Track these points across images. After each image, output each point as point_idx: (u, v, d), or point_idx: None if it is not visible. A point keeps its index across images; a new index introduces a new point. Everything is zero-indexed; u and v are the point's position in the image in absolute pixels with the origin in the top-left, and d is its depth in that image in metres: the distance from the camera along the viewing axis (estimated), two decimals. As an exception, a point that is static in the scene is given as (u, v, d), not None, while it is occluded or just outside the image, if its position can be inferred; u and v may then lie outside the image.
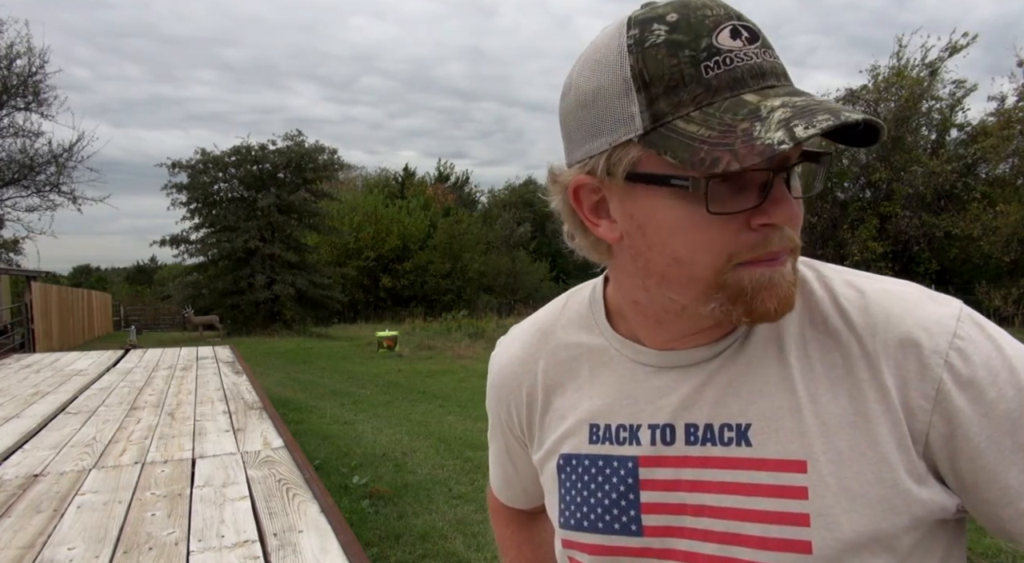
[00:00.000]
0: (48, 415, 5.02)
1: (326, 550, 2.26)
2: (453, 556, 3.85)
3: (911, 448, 0.58)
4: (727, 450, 0.63)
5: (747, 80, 0.54)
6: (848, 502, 0.58)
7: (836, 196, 23.02)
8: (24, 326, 17.81)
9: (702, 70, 0.54)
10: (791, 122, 0.51)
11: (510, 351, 0.82)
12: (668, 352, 0.67)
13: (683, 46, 0.55)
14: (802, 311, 0.64)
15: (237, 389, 6.00)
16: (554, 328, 0.78)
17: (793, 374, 0.62)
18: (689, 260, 0.58)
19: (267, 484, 3.03)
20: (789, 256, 0.60)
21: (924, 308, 0.60)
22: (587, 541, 0.70)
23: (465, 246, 32.46)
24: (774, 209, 0.56)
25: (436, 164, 57.97)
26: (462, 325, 18.73)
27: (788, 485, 0.60)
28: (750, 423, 0.63)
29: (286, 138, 26.65)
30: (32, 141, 21.94)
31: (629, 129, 0.57)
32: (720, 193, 0.55)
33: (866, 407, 0.59)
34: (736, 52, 0.55)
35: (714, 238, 0.56)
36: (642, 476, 0.67)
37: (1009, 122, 18.93)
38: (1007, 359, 0.59)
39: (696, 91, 0.54)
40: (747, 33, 0.56)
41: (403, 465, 5.80)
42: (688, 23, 0.55)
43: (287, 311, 25.18)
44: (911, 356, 0.58)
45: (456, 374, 11.57)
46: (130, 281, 54.24)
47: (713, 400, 0.65)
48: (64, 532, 2.53)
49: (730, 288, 0.58)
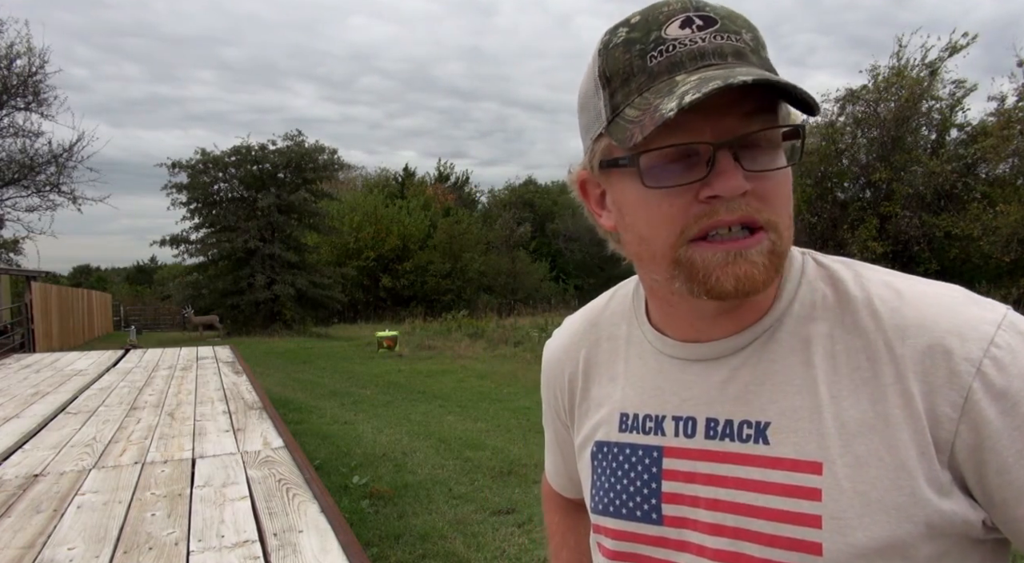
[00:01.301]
0: (48, 415, 5.02)
1: (326, 550, 2.26)
2: (453, 556, 3.85)
3: (934, 457, 0.57)
4: (744, 447, 0.64)
5: (684, 63, 0.57)
6: (862, 507, 0.58)
7: (836, 196, 23.02)
8: (24, 326, 17.80)
9: (647, 60, 0.59)
10: (688, 92, 0.54)
11: (560, 339, 0.86)
12: (693, 345, 0.68)
13: (635, 42, 0.59)
14: (835, 311, 0.64)
15: (237, 389, 6.00)
16: (599, 319, 0.81)
17: (817, 374, 0.62)
18: (650, 237, 0.62)
19: (267, 484, 3.03)
20: (764, 234, 0.59)
21: (962, 312, 0.59)
22: (611, 526, 0.72)
23: (465, 246, 32.45)
24: (717, 181, 0.57)
25: (436, 164, 58.02)
26: (462, 325, 18.71)
27: (802, 486, 0.60)
28: (769, 421, 0.63)
29: (286, 138, 26.67)
30: (32, 141, 21.95)
31: (599, 123, 0.62)
32: (666, 170, 0.59)
33: (888, 412, 0.58)
34: (681, 39, 0.58)
35: (664, 213, 0.60)
36: (665, 466, 0.68)
37: (1009, 122, 18.92)
38: None
39: (641, 79, 0.59)
40: (700, 21, 0.59)
41: (403, 465, 5.80)
42: (645, 21, 0.60)
43: (287, 311, 25.16)
44: (940, 362, 0.57)
45: (456, 374, 11.56)
46: (130, 281, 54.23)
47: (735, 396, 0.65)
48: (64, 532, 2.53)
49: (684, 265, 0.60)
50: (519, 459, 5.87)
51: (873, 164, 21.49)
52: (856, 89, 21.84)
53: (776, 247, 0.60)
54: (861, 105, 21.81)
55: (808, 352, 0.63)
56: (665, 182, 0.59)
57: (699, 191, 0.58)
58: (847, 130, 22.42)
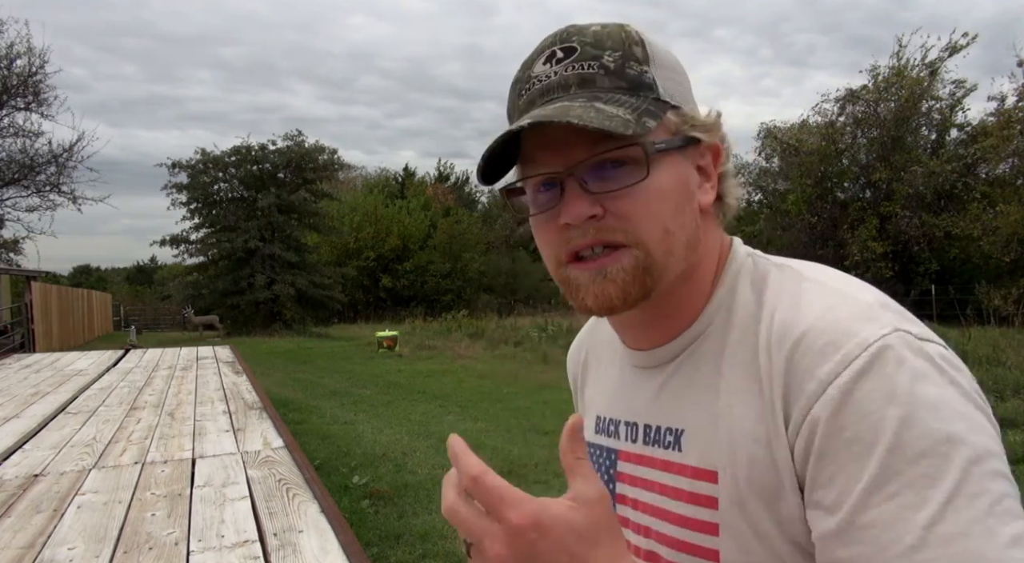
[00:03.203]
0: (48, 415, 5.02)
1: (326, 550, 2.26)
2: (453, 556, 3.85)
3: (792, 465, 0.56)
4: (666, 453, 0.66)
5: (535, 100, 0.63)
6: (749, 516, 0.58)
7: (836, 196, 23.02)
8: (24, 326, 17.81)
9: (519, 98, 0.65)
10: (496, 139, 0.60)
11: (575, 341, 0.91)
12: (639, 353, 0.71)
13: (518, 81, 0.65)
14: (749, 320, 0.63)
15: (237, 389, 6.00)
16: (599, 324, 0.85)
17: (721, 384, 0.63)
18: (544, 259, 0.67)
19: (267, 484, 3.03)
20: (625, 252, 0.60)
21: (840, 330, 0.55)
22: None
23: (465, 246, 32.46)
24: (564, 208, 0.61)
25: (436, 164, 58.03)
26: (462, 325, 18.72)
27: (702, 493, 0.62)
28: (684, 429, 0.65)
29: (286, 138, 26.69)
30: (32, 141, 21.95)
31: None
32: (538, 199, 0.64)
33: (766, 422, 0.58)
34: (539, 76, 0.63)
35: (544, 239, 0.65)
36: (619, 469, 0.73)
37: (1009, 122, 18.92)
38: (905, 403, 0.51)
39: (514, 116, 0.64)
40: (562, 53, 0.63)
41: (403, 465, 5.80)
42: (528, 58, 0.65)
43: (287, 311, 25.16)
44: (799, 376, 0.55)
45: (456, 374, 11.56)
46: (130, 281, 54.25)
47: (664, 404, 0.68)
48: (64, 532, 2.53)
49: (565, 285, 0.64)
50: (519, 459, 5.87)
51: (873, 164, 21.49)
52: (856, 89, 21.85)
53: (641, 262, 0.60)
54: (861, 105, 21.82)
55: (721, 361, 0.63)
56: (536, 210, 0.64)
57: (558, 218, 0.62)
58: (847, 130, 22.42)
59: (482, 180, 0.64)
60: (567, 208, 0.60)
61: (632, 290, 0.61)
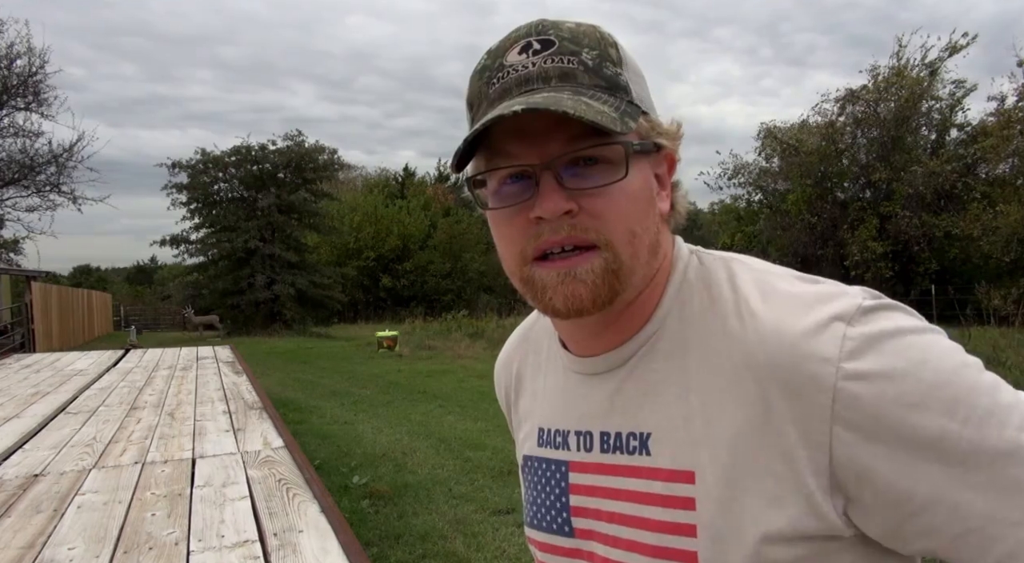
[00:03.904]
0: (48, 415, 5.02)
1: (326, 550, 2.26)
2: (453, 556, 3.86)
3: (803, 461, 0.55)
4: (631, 459, 0.64)
5: (512, 89, 0.61)
6: (732, 515, 0.57)
7: (836, 196, 23.02)
8: (24, 326, 17.82)
9: (489, 87, 0.62)
10: (480, 122, 0.58)
11: (502, 353, 0.88)
12: (586, 359, 0.69)
13: (486, 69, 0.63)
14: (707, 315, 0.63)
15: (237, 389, 6.00)
16: (530, 333, 0.83)
17: (690, 382, 0.62)
18: (503, 256, 0.65)
19: (267, 484, 3.03)
20: (595, 253, 0.59)
21: (818, 311, 0.57)
22: (536, 538, 0.74)
23: (465, 246, 32.44)
24: (538, 202, 0.59)
25: (436, 164, 58.00)
26: (462, 325, 18.70)
27: (678, 496, 0.60)
28: (650, 433, 0.64)
29: (286, 138, 26.70)
30: (32, 141, 21.96)
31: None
32: (503, 192, 0.62)
33: (753, 421, 0.57)
34: (515, 65, 0.61)
35: (508, 233, 0.63)
36: (572, 480, 0.70)
37: (1009, 122, 18.92)
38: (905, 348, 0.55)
39: (483, 106, 0.62)
40: (539, 45, 0.61)
41: (403, 465, 5.80)
42: (497, 47, 0.63)
43: (287, 311, 25.17)
44: (801, 366, 0.55)
45: (456, 374, 11.56)
46: (130, 281, 54.27)
47: (622, 408, 0.66)
48: (64, 532, 2.53)
49: (529, 284, 0.62)
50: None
51: (873, 164, 21.48)
52: (856, 89, 21.85)
53: (610, 264, 0.60)
54: (861, 105, 21.82)
55: (685, 359, 0.63)
56: (500, 203, 0.62)
57: (529, 213, 0.60)
58: (847, 130, 22.42)
59: (456, 167, 0.62)
60: (543, 202, 0.58)
61: (601, 292, 0.60)
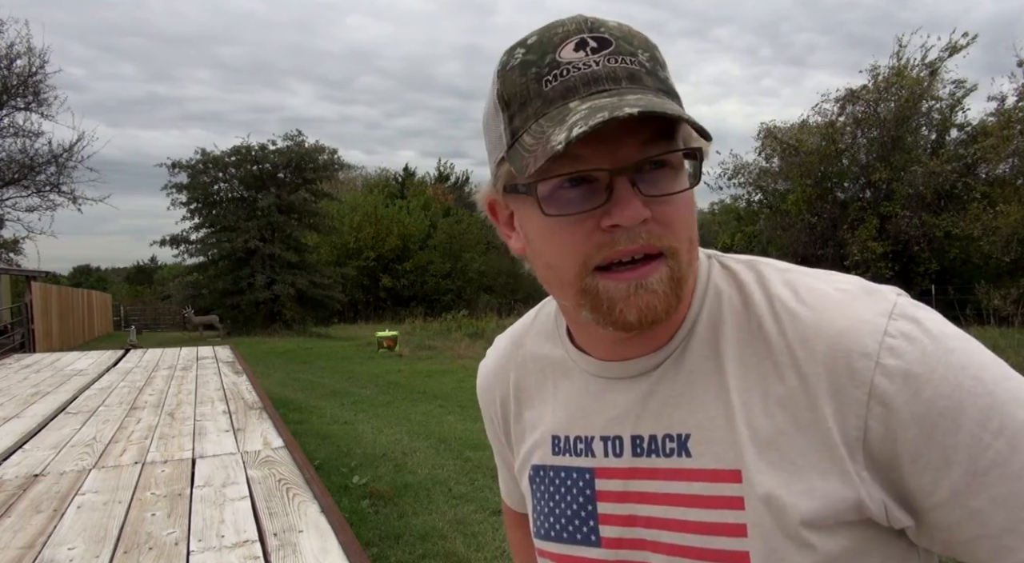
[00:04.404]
0: (48, 415, 5.02)
1: (326, 550, 2.26)
2: (453, 556, 3.85)
3: (846, 458, 0.57)
4: (670, 461, 0.64)
5: (578, 88, 0.57)
6: (779, 511, 0.58)
7: (836, 196, 23.02)
8: (24, 326, 17.81)
9: (543, 84, 0.58)
10: (577, 124, 0.53)
11: (488, 362, 0.85)
12: (613, 363, 0.68)
13: (531, 65, 0.59)
14: (740, 316, 0.63)
15: (237, 389, 6.00)
16: (524, 340, 0.80)
17: (728, 382, 0.62)
18: (556, 265, 0.61)
19: (267, 484, 3.03)
20: (661, 262, 0.58)
21: (854, 308, 0.58)
22: (554, 551, 0.72)
23: (465, 246, 32.45)
24: (616, 209, 0.56)
25: (436, 164, 58.05)
26: (462, 325, 18.71)
27: (725, 496, 0.60)
28: (689, 433, 0.63)
29: (286, 138, 26.70)
30: (32, 141, 21.96)
31: (501, 147, 0.61)
32: (564, 197, 0.58)
33: (797, 417, 0.58)
34: (575, 63, 0.57)
35: (567, 241, 0.59)
36: (598, 487, 0.68)
37: (1009, 122, 18.93)
38: (943, 352, 0.56)
39: (537, 105, 0.58)
40: (595, 43, 0.58)
41: (403, 465, 5.80)
42: (540, 42, 0.59)
43: (287, 311, 25.17)
44: (840, 362, 0.57)
45: (456, 374, 11.56)
46: (130, 281, 54.26)
47: (656, 411, 0.65)
48: (64, 532, 2.53)
49: (591, 295, 0.59)
50: (519, 459, 5.87)
51: (873, 164, 21.48)
52: (856, 89, 21.84)
53: (675, 273, 0.59)
54: (861, 105, 21.81)
55: (720, 359, 0.63)
56: (564, 210, 0.58)
57: (600, 220, 0.57)
58: (847, 130, 22.42)
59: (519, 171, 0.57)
60: (622, 209, 0.56)
61: (671, 302, 0.59)
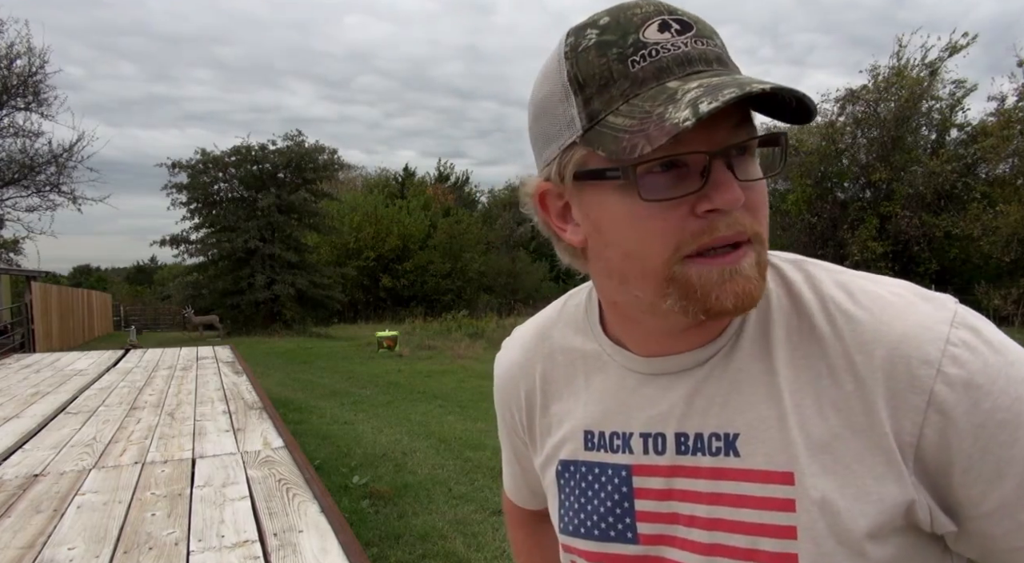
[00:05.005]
0: (48, 415, 5.02)
1: (326, 550, 2.26)
2: (453, 556, 3.85)
3: (900, 463, 0.56)
4: (716, 460, 0.62)
5: (672, 69, 0.55)
6: (832, 515, 0.57)
7: (836, 196, 23.02)
8: (24, 326, 17.81)
9: (628, 65, 0.55)
10: (699, 100, 0.51)
11: (511, 354, 0.82)
12: (656, 359, 0.66)
13: (611, 45, 0.56)
14: (790, 316, 0.62)
15: (237, 389, 6.00)
16: (551, 331, 0.78)
17: (780, 383, 0.61)
18: (639, 253, 0.58)
19: (267, 484, 3.03)
20: (749, 247, 0.57)
21: (915, 314, 0.58)
22: (585, 547, 0.70)
23: (465, 246, 32.46)
24: (715, 193, 0.55)
25: (436, 164, 58.06)
26: (462, 325, 18.72)
27: (775, 497, 0.59)
28: (738, 433, 0.61)
29: (286, 138, 26.69)
30: (32, 141, 21.94)
31: (572, 131, 0.59)
32: (657, 182, 0.55)
33: (852, 421, 0.57)
34: (663, 44, 0.55)
35: (658, 228, 0.56)
36: (636, 484, 0.66)
37: (1009, 122, 18.94)
38: (1004, 365, 0.56)
39: (624, 86, 0.55)
40: (677, 25, 0.56)
41: (403, 465, 5.80)
42: (617, 23, 0.57)
43: (287, 311, 25.17)
44: (900, 368, 0.56)
45: (456, 374, 11.56)
46: (130, 281, 54.28)
47: (703, 409, 0.64)
48: (64, 532, 2.53)
49: (680, 282, 0.57)
50: (519, 459, 5.86)
51: (873, 164, 21.49)
52: (856, 89, 21.85)
53: (760, 258, 0.58)
54: (861, 105, 21.82)
55: (771, 359, 0.62)
56: (662, 194, 0.55)
57: (695, 205, 0.55)
58: (847, 130, 22.42)
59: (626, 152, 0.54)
60: (723, 193, 0.54)
61: (761, 288, 0.58)
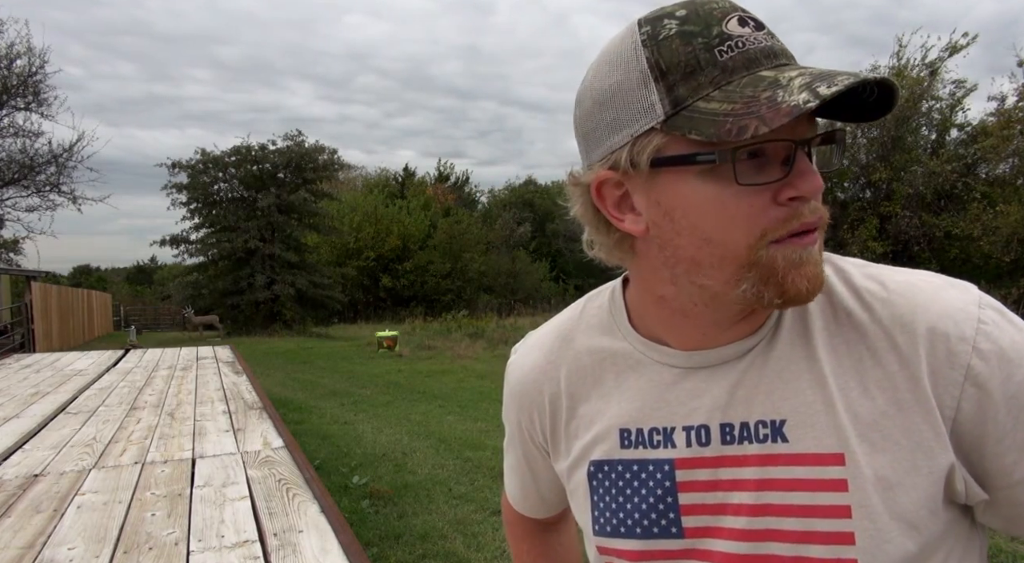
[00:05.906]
0: (48, 415, 5.02)
1: (326, 550, 2.26)
2: (453, 556, 3.85)
3: (945, 435, 0.59)
4: (763, 447, 0.64)
5: (761, 60, 0.57)
6: (885, 491, 0.59)
7: (836, 196, 23.01)
8: (24, 326, 17.81)
9: (716, 54, 0.57)
10: (813, 84, 0.53)
11: (530, 358, 0.80)
12: (695, 353, 0.67)
13: (695, 35, 0.57)
14: (825, 306, 0.65)
15: (237, 389, 6.00)
16: (574, 334, 0.77)
17: (823, 368, 0.63)
18: (721, 239, 0.58)
19: (267, 484, 3.03)
20: (820, 233, 0.60)
21: (946, 296, 0.62)
22: (626, 547, 0.70)
23: (465, 246, 32.46)
24: (800, 181, 0.57)
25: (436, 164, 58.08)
26: (462, 325, 18.72)
27: (828, 478, 0.61)
28: (785, 419, 0.63)
29: (286, 138, 26.72)
30: (32, 141, 21.95)
31: (651, 117, 0.59)
32: (747, 168, 0.57)
33: (898, 398, 0.60)
34: (747, 37, 0.57)
35: (744, 214, 0.57)
36: (679, 478, 0.67)
37: (1009, 122, 18.92)
38: None
39: (713, 73, 0.56)
40: (753, 23, 0.59)
41: (403, 465, 5.80)
42: (697, 15, 0.58)
43: (287, 311, 25.17)
44: (939, 345, 0.59)
45: (456, 374, 11.56)
46: (130, 281, 54.29)
47: (746, 399, 0.65)
48: (64, 532, 2.53)
49: (762, 267, 0.58)
50: (519, 459, 5.86)
51: (873, 164, 21.48)
52: (856, 89, 21.81)
53: (822, 246, 0.61)
54: (861, 105, 21.78)
55: (810, 347, 0.64)
56: (755, 180, 0.57)
57: (778, 192, 0.57)
58: (847, 130, 22.42)
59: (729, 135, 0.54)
60: (807, 181, 0.57)
61: (824, 273, 0.61)
